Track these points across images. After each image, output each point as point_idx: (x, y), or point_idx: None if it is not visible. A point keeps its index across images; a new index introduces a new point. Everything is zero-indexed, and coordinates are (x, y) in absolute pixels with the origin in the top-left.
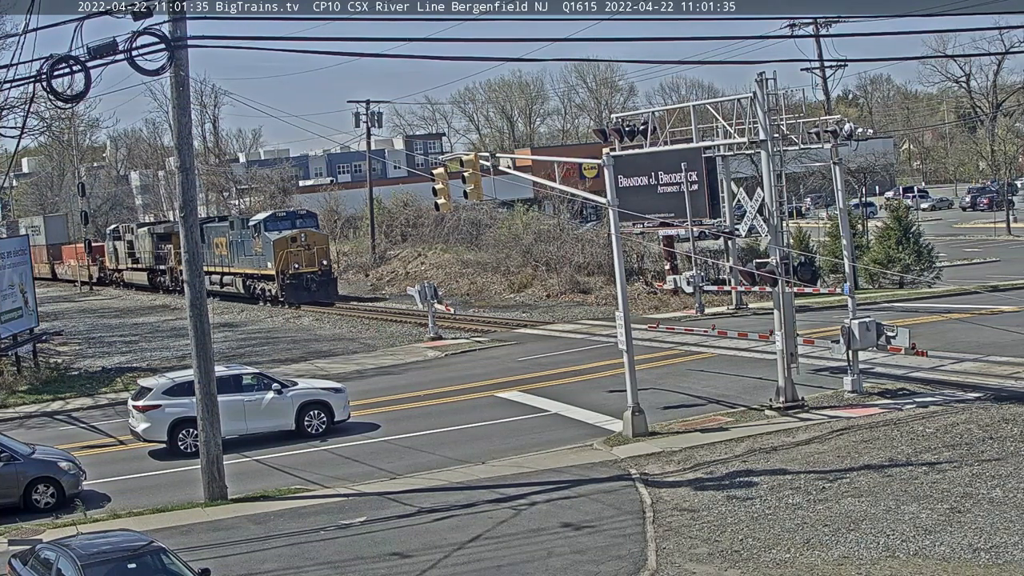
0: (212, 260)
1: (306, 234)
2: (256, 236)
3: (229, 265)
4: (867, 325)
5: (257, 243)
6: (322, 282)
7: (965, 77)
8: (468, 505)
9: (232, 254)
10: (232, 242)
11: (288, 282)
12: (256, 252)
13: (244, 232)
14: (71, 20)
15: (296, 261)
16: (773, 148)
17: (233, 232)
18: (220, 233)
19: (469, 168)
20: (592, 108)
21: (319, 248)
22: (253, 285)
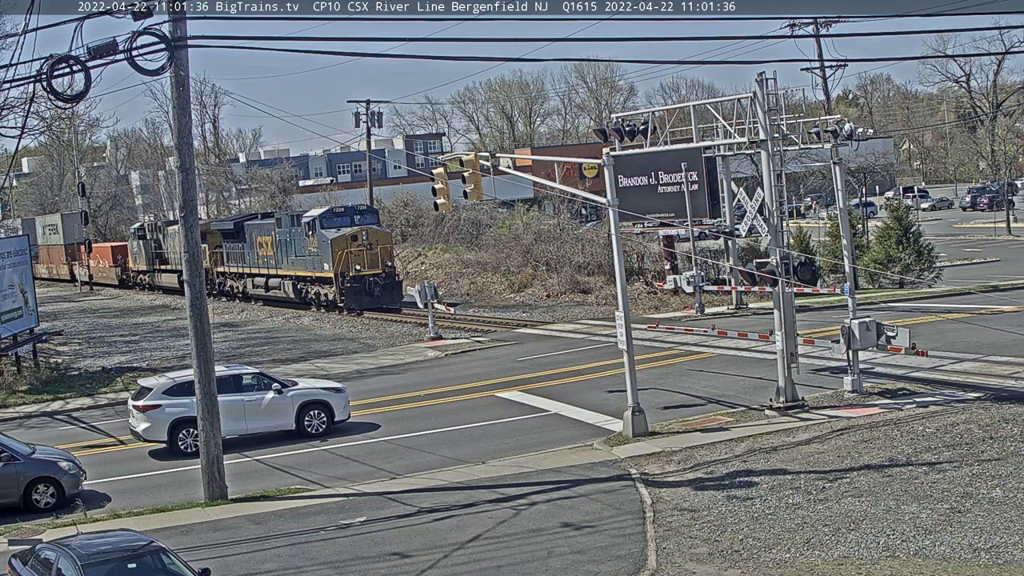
0: (254, 261)
1: (368, 232)
2: (310, 234)
3: (276, 267)
4: (867, 325)
5: (311, 242)
6: (386, 285)
7: (965, 77)
8: (468, 505)
9: (280, 255)
10: (280, 241)
11: (349, 286)
12: (310, 252)
13: (295, 230)
14: (71, 20)
15: (357, 262)
16: (773, 148)
17: (281, 230)
18: (265, 231)
19: (469, 168)
20: (592, 108)
21: (383, 247)
22: (305, 289)
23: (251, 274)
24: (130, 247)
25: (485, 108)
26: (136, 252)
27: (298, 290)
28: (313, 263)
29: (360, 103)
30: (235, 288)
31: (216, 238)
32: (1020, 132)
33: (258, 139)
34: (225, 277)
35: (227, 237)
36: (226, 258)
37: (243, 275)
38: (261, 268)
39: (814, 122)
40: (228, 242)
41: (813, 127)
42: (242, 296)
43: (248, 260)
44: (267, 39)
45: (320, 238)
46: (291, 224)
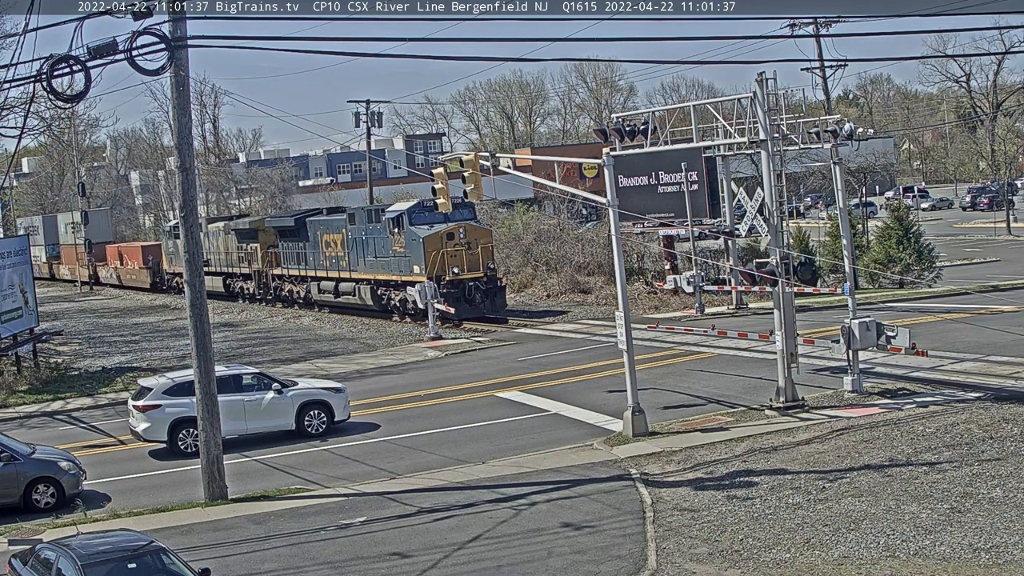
0: (319, 262)
1: (465, 228)
2: (396, 232)
3: (349, 269)
4: (867, 325)
5: (396, 241)
6: (489, 291)
7: (965, 77)
8: (468, 505)
9: (354, 255)
10: (354, 240)
11: (445, 291)
12: (395, 253)
13: (374, 227)
14: (71, 20)
15: (455, 264)
16: (773, 148)
17: (355, 227)
18: (332, 228)
19: (469, 168)
20: (592, 108)
21: (483, 247)
22: (389, 295)
23: (316, 277)
24: (164, 247)
25: (485, 108)
26: (172, 252)
27: (378, 296)
28: (399, 265)
29: (360, 103)
30: (295, 293)
31: (269, 236)
32: (1020, 132)
33: (258, 139)
34: (282, 281)
35: (284, 235)
36: (283, 259)
37: (305, 278)
38: (330, 271)
39: (814, 122)
40: (286, 241)
41: (813, 127)
42: (303, 302)
43: (311, 261)
44: (267, 39)
45: (409, 236)
46: (368, 220)
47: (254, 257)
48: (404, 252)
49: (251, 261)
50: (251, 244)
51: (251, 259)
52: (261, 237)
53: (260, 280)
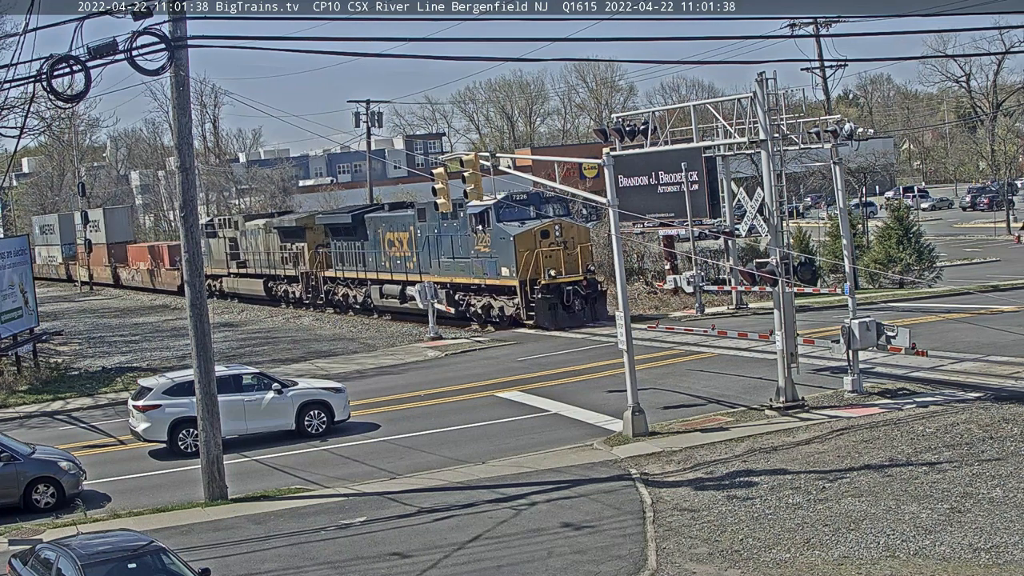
0: (380, 263)
1: (562, 226)
2: (480, 229)
3: (419, 271)
4: (867, 325)
5: (481, 239)
6: (588, 296)
7: (965, 77)
8: (468, 505)
9: (424, 256)
10: (425, 239)
11: (540, 297)
12: (478, 253)
13: (451, 224)
14: (71, 20)
15: (551, 266)
16: (773, 148)
17: (425, 224)
18: (398, 226)
19: (469, 168)
20: (592, 108)
21: (582, 247)
22: (468, 300)
23: (378, 280)
24: None
25: (485, 108)
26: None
27: (455, 301)
28: (483, 267)
29: (360, 103)
30: (351, 298)
31: (319, 235)
32: (1020, 132)
33: (258, 139)
34: (336, 284)
35: (338, 234)
36: (336, 260)
37: (364, 281)
38: (394, 272)
39: (814, 122)
40: (340, 240)
41: (813, 127)
42: (360, 307)
43: (370, 263)
44: (267, 39)
45: (496, 234)
46: (443, 216)
47: (301, 258)
48: (490, 252)
49: (297, 262)
50: (297, 244)
51: (297, 260)
52: (309, 236)
53: (308, 283)
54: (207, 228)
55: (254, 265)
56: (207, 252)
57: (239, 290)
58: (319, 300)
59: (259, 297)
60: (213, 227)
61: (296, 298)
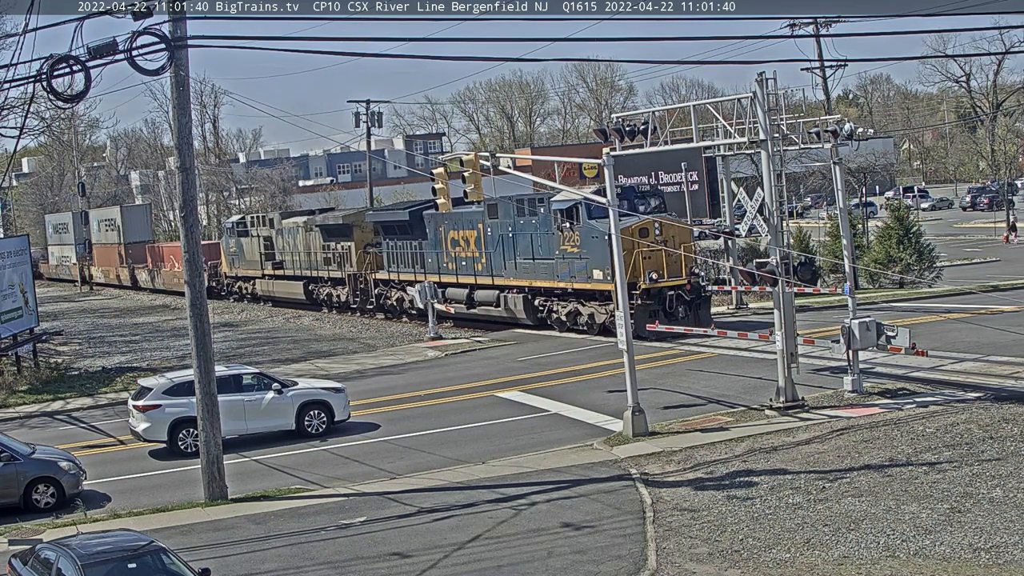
0: (441, 265)
1: (661, 224)
2: (568, 226)
3: (491, 273)
4: (867, 325)
5: (568, 238)
6: (692, 302)
7: (965, 77)
8: (468, 505)
9: (498, 256)
10: (499, 237)
11: (640, 303)
12: (566, 253)
13: (530, 221)
14: (71, 20)
15: (652, 267)
16: (773, 148)
17: (497, 221)
18: (464, 223)
19: (469, 168)
20: (592, 108)
21: (684, 246)
22: (550, 306)
23: (440, 284)
24: (224, 247)
25: (485, 108)
26: (234, 253)
27: (535, 307)
28: (570, 269)
29: (360, 103)
30: (407, 302)
31: (367, 233)
32: (1020, 132)
33: (258, 139)
34: (388, 287)
35: (391, 232)
36: (389, 261)
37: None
38: (460, 275)
39: (814, 122)
40: (393, 239)
41: (813, 127)
42: (418, 313)
43: (430, 263)
44: (267, 39)
45: (587, 232)
46: (521, 212)
47: (347, 258)
48: (579, 252)
49: (343, 263)
50: (343, 243)
51: (343, 261)
52: (357, 234)
53: (356, 286)
54: (238, 226)
55: (292, 267)
56: (238, 252)
57: (275, 293)
58: (369, 304)
59: (298, 301)
60: (245, 225)
61: (342, 302)
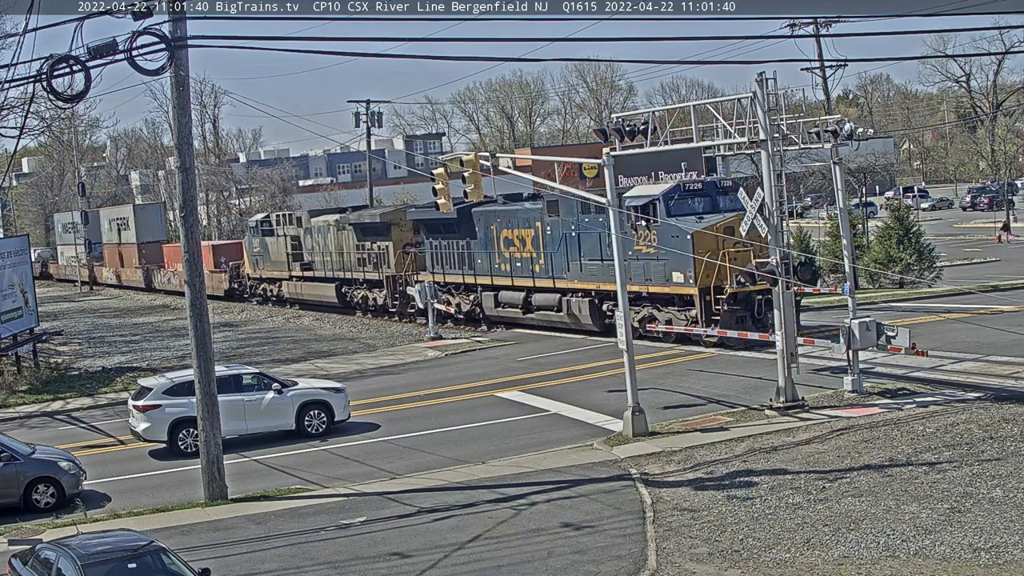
0: (494, 266)
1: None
2: (644, 225)
3: (552, 275)
4: (867, 325)
5: (644, 237)
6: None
7: (965, 77)
8: (468, 505)
9: (559, 256)
10: (561, 236)
11: (727, 308)
12: (640, 254)
13: (595, 219)
14: (71, 20)
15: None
16: (773, 148)
17: (558, 219)
18: (519, 221)
19: (469, 168)
20: (592, 108)
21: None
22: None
23: (492, 286)
24: (247, 247)
25: (485, 108)
26: (258, 253)
27: (602, 312)
28: (645, 271)
29: (360, 103)
30: (456, 306)
31: (407, 232)
32: (1020, 132)
33: (258, 139)
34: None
35: (435, 231)
36: (433, 261)
37: (473, 287)
38: (515, 277)
39: (814, 122)
40: (438, 238)
41: (813, 127)
42: (465, 318)
43: (480, 264)
44: (267, 39)
45: (667, 231)
46: (586, 210)
47: (384, 259)
48: (656, 253)
49: (379, 264)
50: (380, 243)
51: (379, 262)
52: (395, 233)
53: (394, 288)
54: (263, 225)
55: (323, 268)
56: (262, 252)
57: (303, 295)
58: (410, 308)
59: (329, 304)
60: (270, 224)
61: (378, 306)
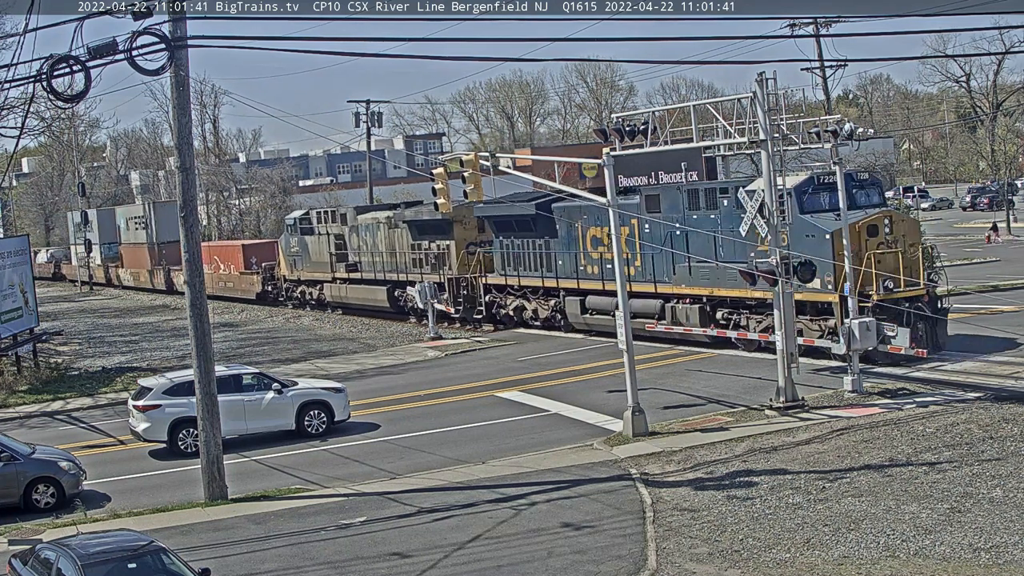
0: (579, 267)
1: (891, 219)
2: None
3: (653, 279)
4: (867, 325)
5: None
6: (928, 319)
7: (965, 77)
8: (468, 505)
9: (662, 258)
10: (666, 235)
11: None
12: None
13: (705, 215)
14: (71, 20)
15: (886, 275)
16: (773, 148)
17: (659, 216)
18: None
19: (469, 168)
20: (592, 108)
21: (911, 246)
22: (738, 320)
23: (576, 290)
24: (282, 246)
25: (485, 108)
26: (296, 254)
27: (717, 322)
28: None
29: (360, 103)
30: (532, 312)
31: (470, 230)
32: (1020, 132)
33: (258, 139)
34: (504, 293)
35: (507, 228)
36: (504, 262)
37: (552, 291)
38: (606, 280)
39: (814, 122)
40: (510, 237)
41: (813, 127)
42: (543, 323)
43: (563, 266)
44: (267, 39)
45: (800, 229)
46: (696, 204)
47: (444, 259)
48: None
49: (438, 265)
50: (439, 241)
51: (438, 262)
52: (458, 231)
53: (456, 291)
54: (302, 223)
55: (371, 269)
56: (300, 253)
57: (349, 299)
58: (476, 314)
59: (379, 308)
60: (310, 222)
61: (439, 310)
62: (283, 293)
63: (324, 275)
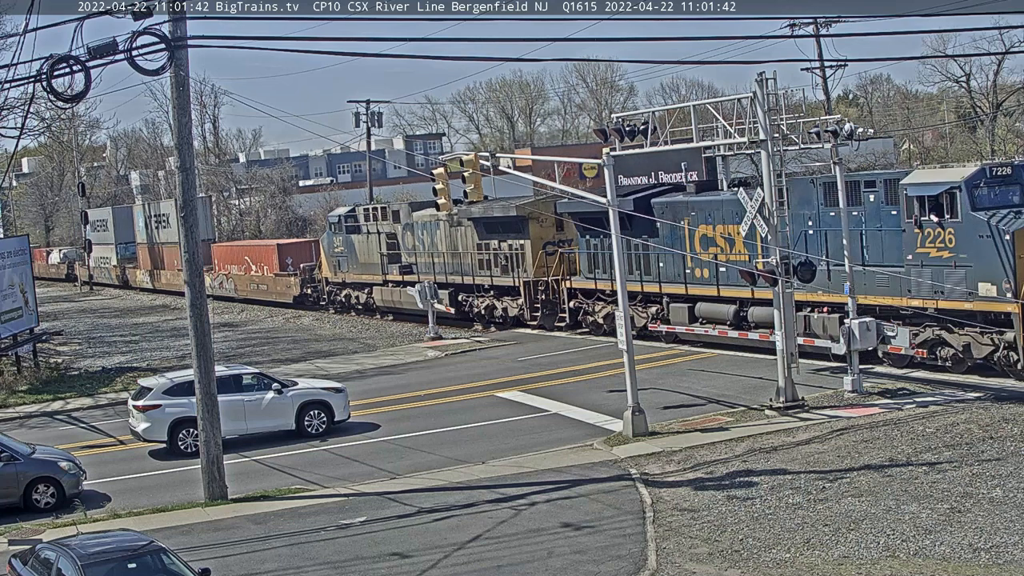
0: (684, 270)
1: None
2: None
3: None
4: (867, 325)
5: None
6: None
7: (965, 77)
8: (468, 505)
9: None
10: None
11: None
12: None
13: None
14: (71, 20)
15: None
16: (773, 148)
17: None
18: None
19: (469, 168)
20: (592, 108)
21: None
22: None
23: (683, 296)
24: (325, 246)
25: (485, 108)
26: (340, 254)
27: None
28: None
29: (360, 103)
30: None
31: (547, 228)
32: (1020, 132)
33: (258, 139)
34: (592, 299)
35: (595, 225)
36: (592, 263)
37: (652, 297)
38: (722, 286)
39: (814, 122)
40: (596, 235)
41: (813, 127)
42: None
43: (666, 269)
44: (267, 39)
45: (972, 228)
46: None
47: (517, 260)
48: (951, 257)
49: (511, 267)
50: (512, 240)
51: (512, 264)
52: (533, 230)
53: (532, 295)
54: (347, 221)
55: (430, 270)
56: (346, 253)
57: (402, 304)
58: (558, 321)
59: (440, 315)
60: (356, 220)
61: (510, 317)
62: (325, 296)
63: (373, 277)
